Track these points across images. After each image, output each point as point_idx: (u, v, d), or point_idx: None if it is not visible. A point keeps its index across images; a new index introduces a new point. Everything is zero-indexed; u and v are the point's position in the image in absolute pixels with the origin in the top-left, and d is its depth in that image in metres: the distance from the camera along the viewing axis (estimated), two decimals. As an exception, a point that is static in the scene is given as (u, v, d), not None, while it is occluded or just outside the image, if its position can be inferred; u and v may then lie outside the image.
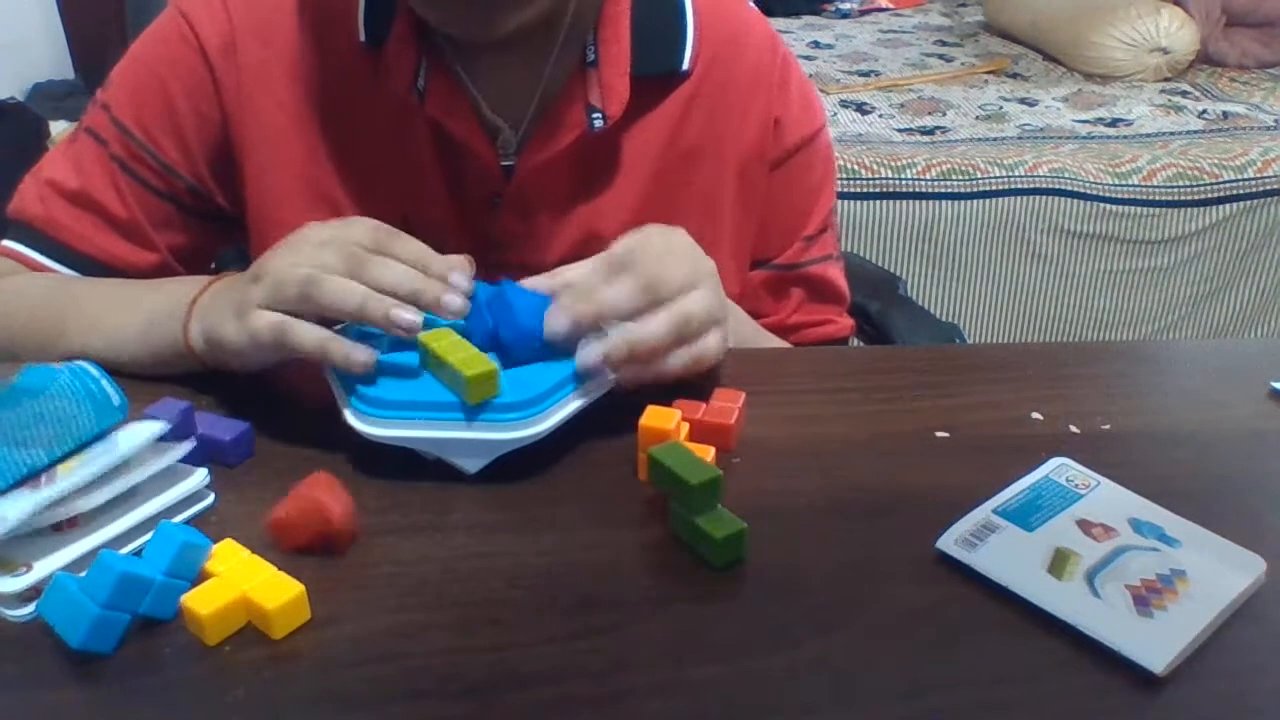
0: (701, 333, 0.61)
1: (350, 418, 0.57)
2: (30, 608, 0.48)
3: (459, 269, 0.59)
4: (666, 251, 0.61)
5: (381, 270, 0.56)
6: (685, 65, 0.77)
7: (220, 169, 0.77)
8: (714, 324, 0.62)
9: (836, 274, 0.88)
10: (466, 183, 0.76)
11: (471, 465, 0.57)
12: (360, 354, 0.56)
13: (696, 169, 0.79)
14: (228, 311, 0.58)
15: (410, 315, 0.56)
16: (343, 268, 0.56)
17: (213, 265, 0.87)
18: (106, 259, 0.76)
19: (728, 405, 0.62)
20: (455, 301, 0.57)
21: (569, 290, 0.60)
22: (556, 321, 0.58)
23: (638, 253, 0.60)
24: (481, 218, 0.77)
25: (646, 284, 0.59)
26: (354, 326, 0.61)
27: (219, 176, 0.77)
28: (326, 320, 0.57)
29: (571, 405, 0.59)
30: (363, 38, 0.73)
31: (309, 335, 0.56)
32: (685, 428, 0.60)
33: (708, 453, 0.58)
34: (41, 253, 0.75)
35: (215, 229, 0.80)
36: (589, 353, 0.58)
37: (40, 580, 0.48)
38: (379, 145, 0.76)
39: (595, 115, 0.73)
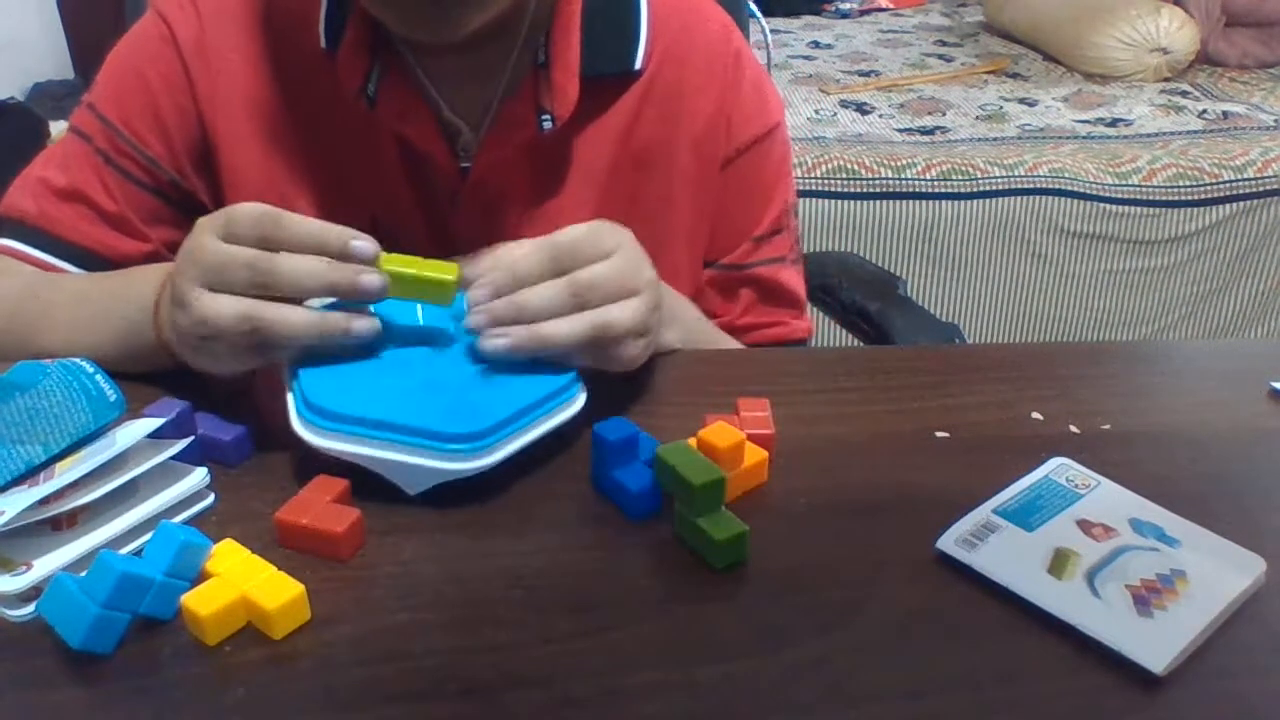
0: (619, 340, 0.59)
1: (295, 423, 0.56)
2: (30, 607, 0.48)
3: (356, 235, 0.56)
4: (608, 253, 0.59)
5: (289, 272, 0.54)
6: (638, 65, 0.76)
7: (200, 165, 0.78)
8: (636, 335, 0.60)
9: (790, 277, 0.87)
10: (428, 183, 0.77)
11: (412, 488, 0.56)
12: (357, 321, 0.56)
13: (651, 167, 0.79)
14: (177, 338, 0.58)
15: (361, 323, 0.55)
16: (249, 287, 0.54)
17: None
18: (101, 249, 0.76)
19: (763, 414, 0.62)
20: (373, 281, 0.55)
21: (495, 279, 0.58)
22: (476, 319, 0.58)
23: (579, 249, 0.59)
24: (444, 217, 0.78)
25: (576, 289, 0.58)
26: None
27: (200, 172, 0.78)
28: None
29: (525, 438, 0.57)
30: (323, 43, 0.74)
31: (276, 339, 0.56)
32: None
33: (762, 455, 0.58)
34: (36, 247, 0.76)
35: None
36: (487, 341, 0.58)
37: (40, 580, 0.48)
38: (344, 148, 0.76)
39: (544, 117, 0.73)
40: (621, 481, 0.55)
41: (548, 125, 0.73)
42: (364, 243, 0.56)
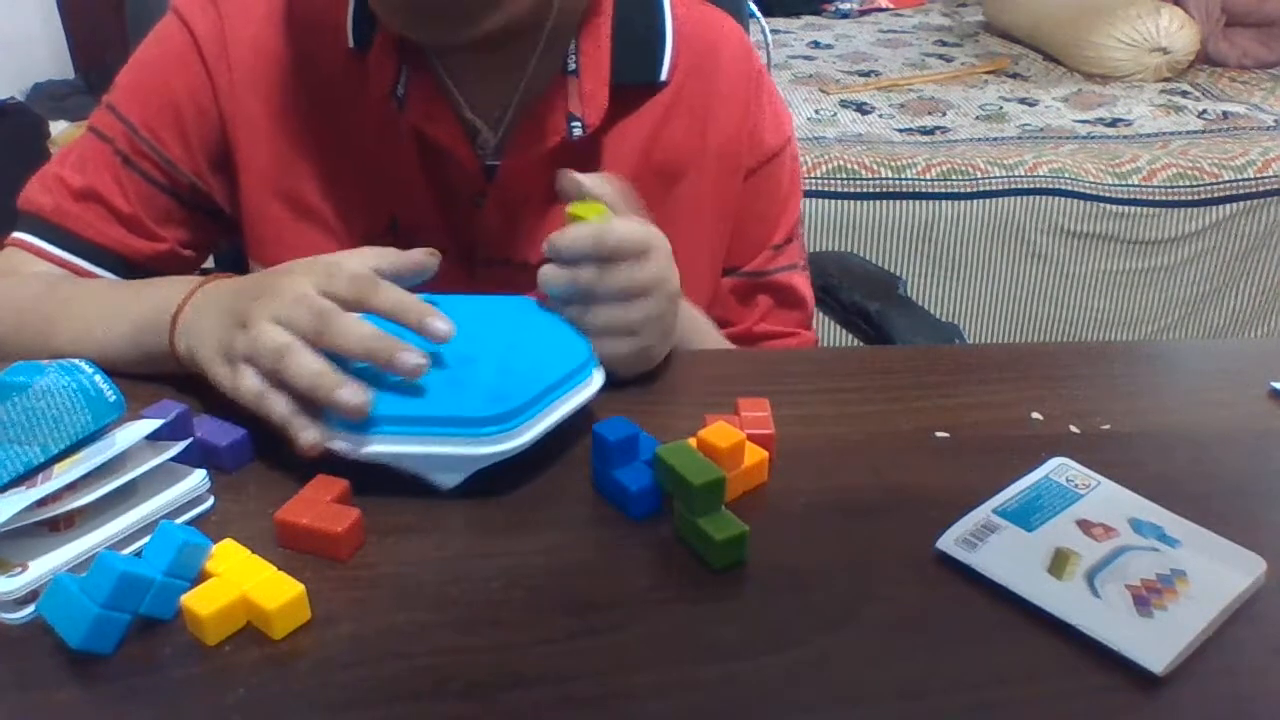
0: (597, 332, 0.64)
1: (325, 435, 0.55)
2: (27, 610, 0.48)
3: (435, 314, 0.57)
4: (650, 254, 0.64)
5: (343, 331, 0.55)
6: (664, 76, 0.78)
7: (218, 167, 0.78)
8: (622, 333, 0.64)
9: (801, 282, 0.90)
10: (450, 183, 0.78)
11: (448, 480, 0.56)
12: (312, 434, 0.55)
13: (675, 178, 0.81)
14: (214, 348, 0.58)
15: (354, 399, 0.54)
16: (310, 328, 0.55)
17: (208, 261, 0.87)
18: (116, 247, 0.77)
19: (763, 414, 0.62)
20: (409, 361, 0.55)
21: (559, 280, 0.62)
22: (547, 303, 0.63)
23: (621, 249, 0.62)
24: (465, 217, 0.78)
25: (622, 288, 0.63)
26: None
27: (218, 175, 0.78)
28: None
29: (552, 417, 0.58)
30: (351, 44, 0.74)
31: (277, 409, 0.56)
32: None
33: (763, 455, 0.58)
34: (51, 242, 0.76)
35: (215, 225, 0.82)
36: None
37: (36, 581, 0.48)
38: (366, 147, 0.77)
39: (575, 123, 0.75)
40: (621, 481, 0.55)
41: (578, 131, 0.75)
42: (440, 323, 0.57)
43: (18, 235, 0.77)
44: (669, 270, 0.65)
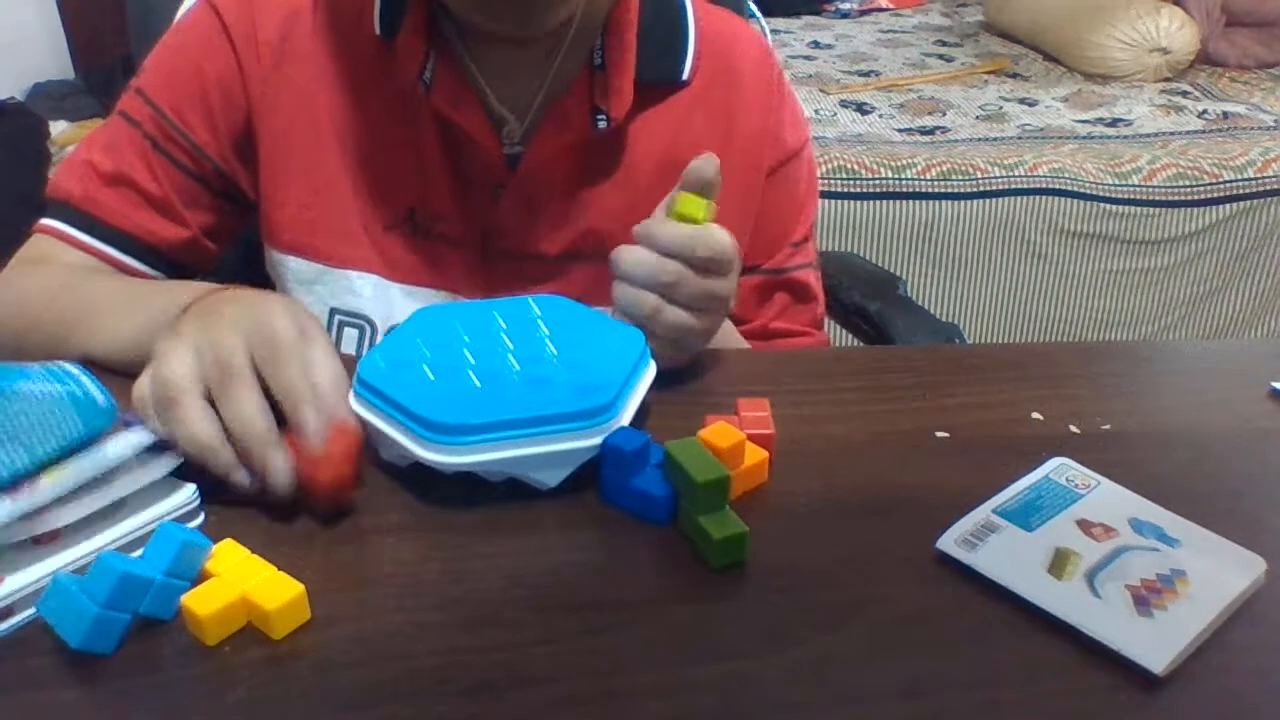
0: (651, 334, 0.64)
1: (416, 449, 0.54)
2: (2, 626, 0.47)
3: (281, 458, 0.53)
4: (725, 274, 0.65)
5: (233, 406, 0.53)
6: (685, 75, 0.80)
7: (244, 154, 0.79)
8: (703, 340, 0.67)
9: (815, 280, 0.91)
10: (471, 173, 0.78)
11: (550, 479, 0.56)
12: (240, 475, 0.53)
13: None
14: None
15: (244, 481, 0.53)
16: (213, 379, 0.53)
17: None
18: (142, 234, 0.78)
19: (763, 414, 0.62)
20: (242, 480, 0.53)
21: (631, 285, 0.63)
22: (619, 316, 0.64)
23: (712, 263, 0.64)
24: (484, 207, 0.79)
25: (667, 288, 0.63)
26: (381, 349, 0.60)
27: (244, 161, 0.80)
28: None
29: (633, 405, 0.59)
30: (377, 29, 0.75)
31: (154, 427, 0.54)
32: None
33: (763, 455, 0.58)
34: (80, 229, 0.78)
35: (238, 212, 0.83)
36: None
37: (10, 596, 0.46)
38: (388, 135, 0.78)
39: (600, 117, 0.76)
40: (644, 489, 0.55)
41: (603, 125, 0.76)
42: (279, 460, 0.53)
43: (47, 222, 0.78)
44: (735, 286, 0.67)
